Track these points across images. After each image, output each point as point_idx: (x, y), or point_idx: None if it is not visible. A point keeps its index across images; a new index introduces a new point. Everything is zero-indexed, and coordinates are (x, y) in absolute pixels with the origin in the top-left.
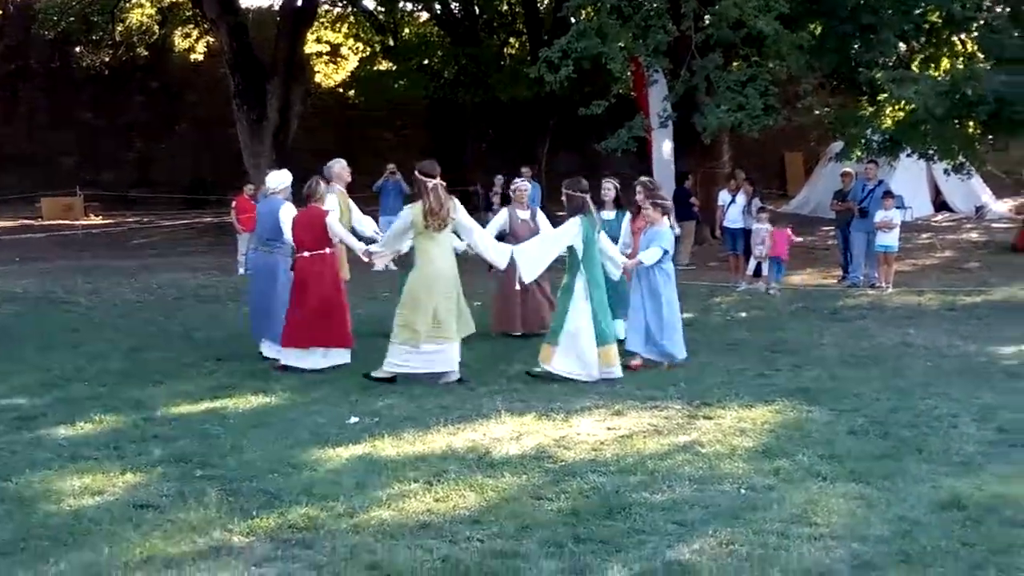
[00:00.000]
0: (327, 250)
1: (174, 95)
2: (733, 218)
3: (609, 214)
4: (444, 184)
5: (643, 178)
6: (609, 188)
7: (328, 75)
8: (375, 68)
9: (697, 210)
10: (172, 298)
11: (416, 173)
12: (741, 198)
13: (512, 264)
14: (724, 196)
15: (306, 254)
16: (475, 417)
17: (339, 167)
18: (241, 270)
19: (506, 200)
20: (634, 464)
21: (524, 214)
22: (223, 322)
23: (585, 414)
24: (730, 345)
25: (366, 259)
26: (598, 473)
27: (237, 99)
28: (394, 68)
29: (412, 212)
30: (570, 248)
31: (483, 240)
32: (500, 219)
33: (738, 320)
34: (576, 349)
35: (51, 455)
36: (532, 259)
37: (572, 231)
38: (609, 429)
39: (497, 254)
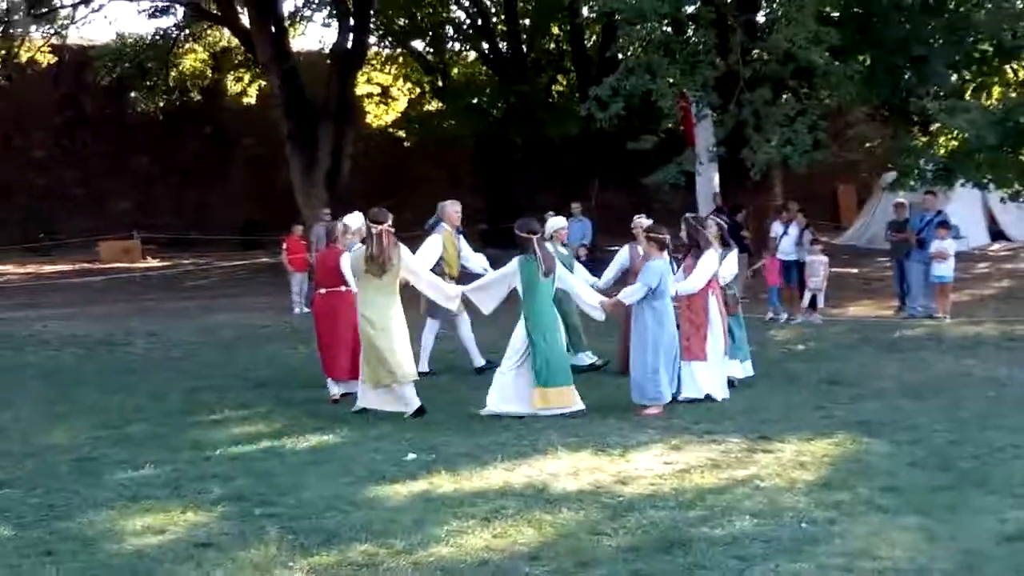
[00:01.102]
0: (343, 288)
1: (227, 139)
2: (786, 250)
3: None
4: (392, 231)
5: (688, 215)
6: (712, 226)
7: (378, 116)
8: (424, 108)
9: (750, 242)
10: (230, 338)
11: (368, 219)
12: (794, 229)
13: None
14: (777, 228)
15: (322, 291)
16: (532, 453)
17: (451, 209)
18: (297, 309)
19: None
20: (693, 499)
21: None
22: (280, 362)
23: (642, 449)
24: (788, 378)
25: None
26: (657, 508)
27: (289, 141)
28: (443, 107)
29: (354, 256)
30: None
31: (430, 286)
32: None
33: (795, 353)
34: (505, 386)
35: (113, 495)
36: (485, 295)
37: (510, 270)
38: (667, 464)
39: (446, 298)
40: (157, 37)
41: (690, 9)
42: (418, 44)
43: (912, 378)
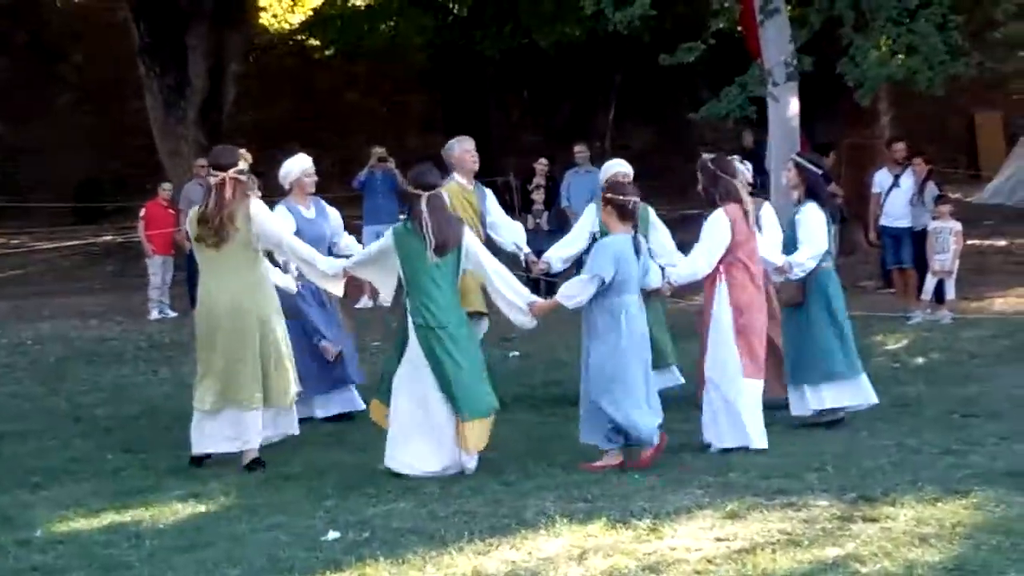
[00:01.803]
0: None
1: (50, 54)
2: (896, 212)
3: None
4: (243, 179)
5: (705, 155)
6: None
7: (280, 17)
8: (350, 3)
9: (842, 203)
10: (54, 359)
11: (209, 163)
12: (908, 181)
13: None
14: (883, 178)
15: None
16: (515, 527)
17: (461, 148)
18: (156, 312)
19: (552, 194)
20: None
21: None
22: (132, 393)
23: (682, 518)
24: (901, 406)
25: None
26: None
27: (144, 57)
28: (379, 1)
29: (189, 219)
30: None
31: (303, 260)
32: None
33: (912, 368)
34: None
35: None
36: (376, 273)
37: (385, 244)
38: (719, 540)
39: (320, 276)
40: None
41: None
42: None
43: None
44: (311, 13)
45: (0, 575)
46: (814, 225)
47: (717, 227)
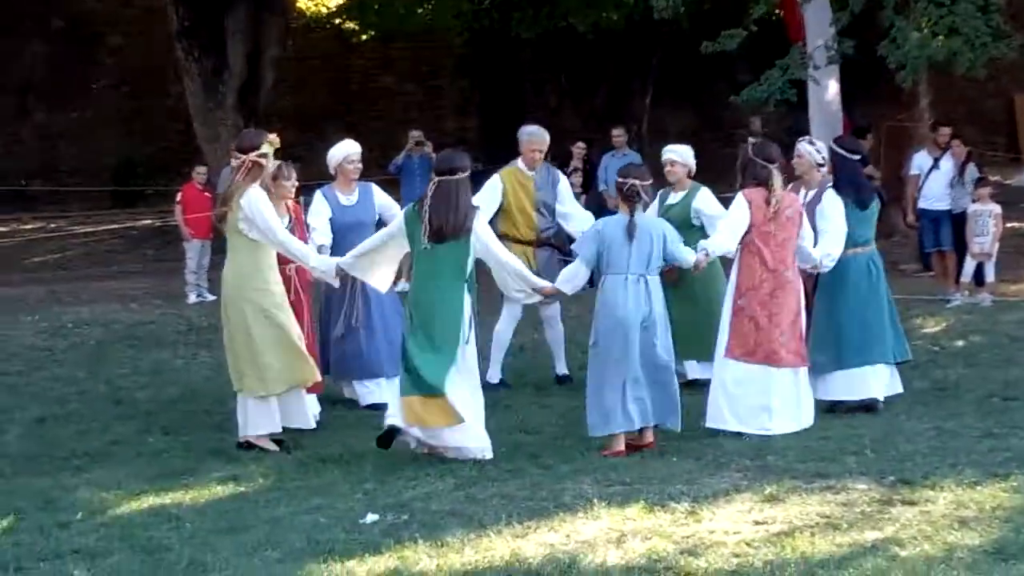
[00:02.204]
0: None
1: (88, 39)
2: (936, 194)
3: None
4: (262, 164)
5: (752, 139)
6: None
7: (318, 1)
8: None
9: (880, 184)
10: (94, 342)
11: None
12: (948, 164)
13: None
14: (922, 160)
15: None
16: (553, 509)
17: (525, 143)
18: (193, 296)
19: (589, 177)
20: None
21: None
22: (171, 376)
23: (720, 501)
24: (940, 390)
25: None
26: None
27: (182, 41)
28: None
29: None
30: None
31: (293, 248)
32: None
33: (952, 352)
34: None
35: None
36: (369, 266)
37: (395, 227)
38: (758, 524)
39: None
40: None
41: None
42: None
43: None
44: None
45: (42, 557)
46: (835, 213)
47: (736, 208)
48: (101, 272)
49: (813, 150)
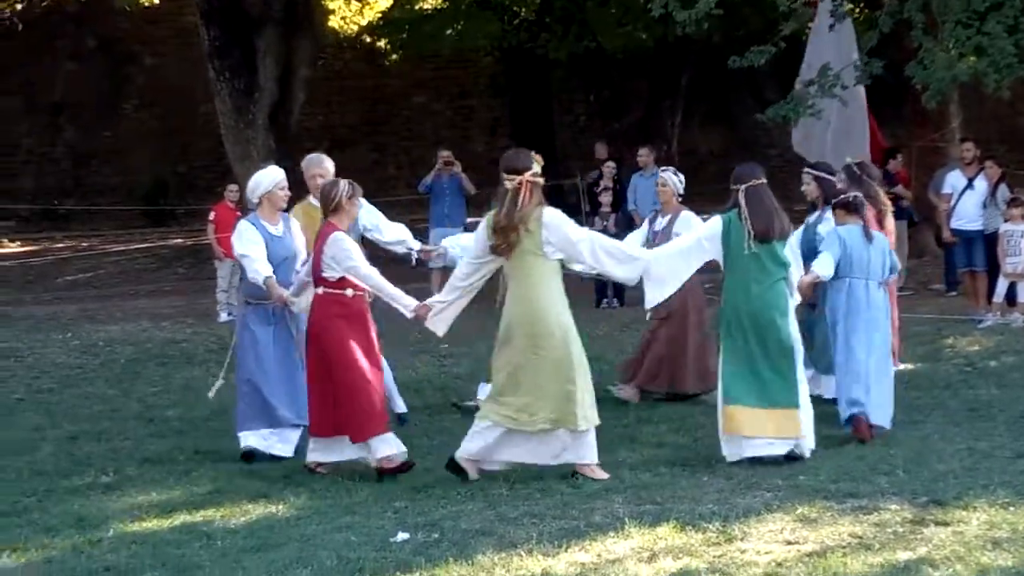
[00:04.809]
0: (347, 291)
1: (121, 58)
2: (969, 214)
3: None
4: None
5: (849, 160)
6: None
7: (349, 19)
8: (418, 6)
9: (910, 204)
10: (125, 360)
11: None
12: (982, 184)
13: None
14: (956, 180)
15: (320, 291)
16: (583, 529)
17: (306, 172)
18: (224, 315)
19: (619, 196)
20: None
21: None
22: (202, 395)
23: (753, 521)
24: (972, 410)
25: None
26: None
27: (214, 61)
28: (446, 5)
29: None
30: None
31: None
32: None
33: (984, 372)
34: None
35: None
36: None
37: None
38: (789, 543)
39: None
40: None
41: None
42: None
43: None
44: (379, 16)
45: (73, 575)
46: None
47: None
48: (133, 291)
49: (676, 180)
